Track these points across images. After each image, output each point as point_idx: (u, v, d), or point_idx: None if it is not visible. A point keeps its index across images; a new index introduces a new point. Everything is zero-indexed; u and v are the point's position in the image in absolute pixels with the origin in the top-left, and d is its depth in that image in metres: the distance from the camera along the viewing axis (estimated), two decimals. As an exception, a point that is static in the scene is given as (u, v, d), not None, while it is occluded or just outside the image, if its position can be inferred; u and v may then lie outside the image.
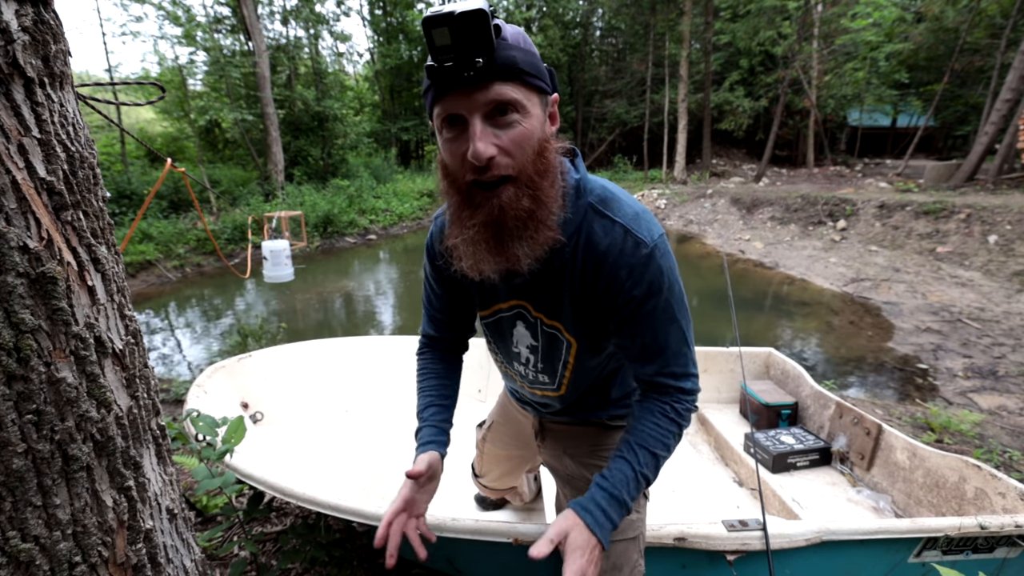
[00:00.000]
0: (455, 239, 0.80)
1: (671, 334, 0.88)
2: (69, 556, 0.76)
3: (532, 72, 0.72)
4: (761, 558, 1.24)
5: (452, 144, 0.74)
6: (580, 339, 0.95)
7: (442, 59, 0.67)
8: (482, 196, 0.75)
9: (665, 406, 0.91)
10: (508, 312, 0.99)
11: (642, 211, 0.86)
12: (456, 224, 0.80)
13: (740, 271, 8.54)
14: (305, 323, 6.50)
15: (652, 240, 0.83)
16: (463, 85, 0.69)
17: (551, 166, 0.77)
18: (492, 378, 2.72)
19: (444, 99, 0.71)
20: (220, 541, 1.79)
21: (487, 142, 0.70)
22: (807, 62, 15.93)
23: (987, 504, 1.57)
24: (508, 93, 0.70)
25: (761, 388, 2.51)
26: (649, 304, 0.85)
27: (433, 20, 0.64)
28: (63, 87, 0.74)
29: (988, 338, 4.98)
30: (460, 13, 0.63)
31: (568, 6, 20.69)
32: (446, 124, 0.73)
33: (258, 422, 2.10)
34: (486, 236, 0.76)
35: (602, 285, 0.86)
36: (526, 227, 0.76)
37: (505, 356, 1.10)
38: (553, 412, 1.18)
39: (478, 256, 0.78)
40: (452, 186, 0.78)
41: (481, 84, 0.68)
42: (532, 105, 0.73)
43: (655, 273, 0.83)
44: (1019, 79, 10.08)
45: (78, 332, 0.73)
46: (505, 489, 1.68)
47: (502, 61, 0.68)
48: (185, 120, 13.39)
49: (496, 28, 0.68)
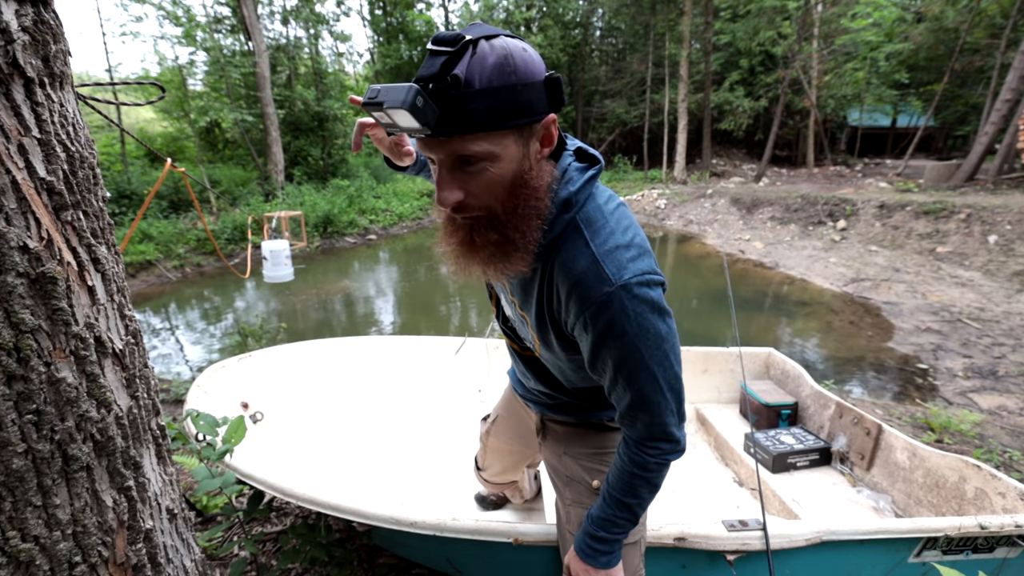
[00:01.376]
0: (443, 247, 0.84)
1: (641, 381, 0.82)
2: (69, 556, 0.76)
3: (500, 118, 0.67)
4: (761, 558, 1.24)
5: (434, 175, 0.76)
6: (541, 340, 0.96)
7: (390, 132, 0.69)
8: (459, 221, 0.78)
9: (635, 455, 0.90)
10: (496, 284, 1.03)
11: (627, 244, 0.79)
12: (443, 235, 0.83)
13: (740, 271, 8.54)
14: (305, 323, 6.50)
15: (619, 279, 0.76)
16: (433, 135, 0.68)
17: (525, 203, 0.75)
18: (492, 377, 2.72)
19: (419, 141, 0.72)
20: (220, 541, 1.79)
21: (452, 190, 0.72)
22: (807, 62, 15.93)
23: (987, 504, 1.57)
24: (468, 148, 0.68)
25: (761, 388, 2.51)
26: (608, 346, 0.80)
27: (369, 104, 0.65)
28: (63, 87, 0.74)
29: (988, 338, 4.98)
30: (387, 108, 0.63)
31: (568, 6, 20.69)
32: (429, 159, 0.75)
33: (258, 422, 2.10)
34: (460, 255, 0.80)
35: (564, 308, 0.84)
36: (494, 256, 0.78)
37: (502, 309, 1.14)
38: (552, 407, 1.19)
39: (459, 266, 0.81)
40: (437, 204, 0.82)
41: (441, 140, 0.68)
42: (503, 148, 0.70)
43: (617, 316, 0.77)
44: (1019, 79, 10.09)
45: (78, 332, 0.73)
46: (506, 484, 1.68)
47: (461, 117, 0.65)
48: (185, 120, 13.39)
49: (455, 81, 0.63)
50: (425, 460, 2.18)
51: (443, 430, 2.40)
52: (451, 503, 1.91)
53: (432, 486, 2.02)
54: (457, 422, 2.45)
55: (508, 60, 0.66)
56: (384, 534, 1.54)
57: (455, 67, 0.64)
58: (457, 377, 2.71)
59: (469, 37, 0.66)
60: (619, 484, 0.93)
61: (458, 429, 2.39)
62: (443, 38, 0.66)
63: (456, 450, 2.22)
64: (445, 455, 2.21)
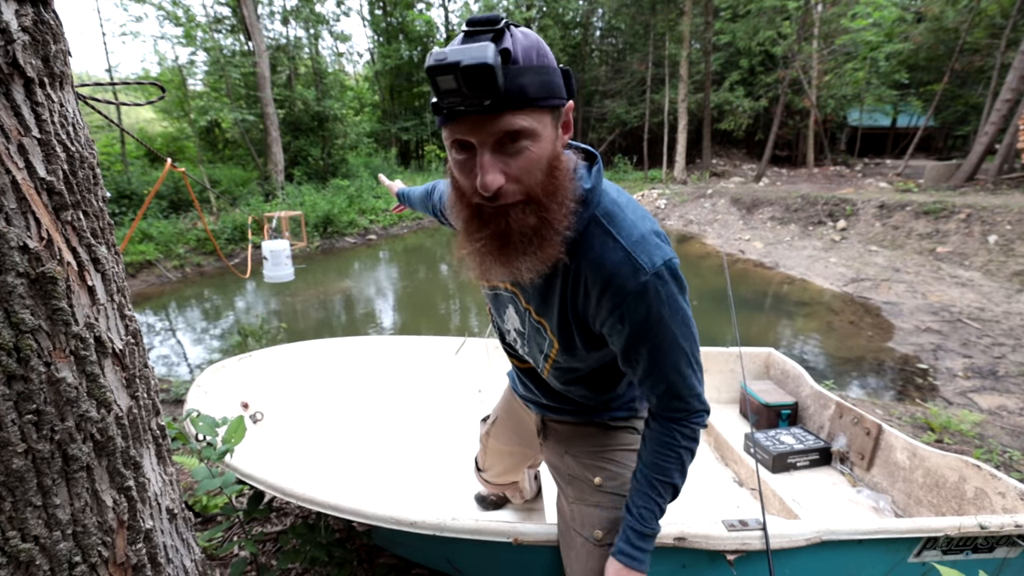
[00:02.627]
0: (464, 250, 0.81)
1: (675, 360, 0.86)
2: (69, 556, 0.76)
3: (544, 95, 0.69)
4: (761, 558, 1.24)
5: (463, 166, 0.73)
6: (562, 342, 0.95)
7: (448, 101, 0.66)
8: (491, 211, 0.75)
9: (673, 433, 0.92)
10: (504, 292, 1.01)
11: (649, 232, 0.82)
12: (464, 235, 0.80)
13: (740, 271, 8.54)
14: (305, 323, 6.50)
15: (653, 267, 0.79)
16: (471, 114, 0.67)
17: (561, 184, 0.76)
18: (492, 377, 2.72)
19: (452, 125, 0.70)
20: (220, 541, 1.79)
21: (495, 172, 0.70)
22: (807, 62, 15.93)
23: (987, 504, 1.57)
24: (517, 123, 0.68)
25: (761, 388, 2.51)
26: (647, 333, 0.83)
27: (437, 69, 0.62)
28: (63, 87, 0.74)
29: (988, 338, 4.98)
30: (465, 67, 0.62)
31: (568, 6, 20.69)
32: (455, 146, 0.73)
33: (258, 422, 2.10)
34: (492, 248, 0.77)
35: (593, 305, 0.85)
36: (531, 243, 0.76)
37: (500, 328, 1.15)
38: (553, 409, 1.19)
39: (484, 266, 0.79)
40: (461, 200, 0.78)
41: (490, 115, 0.67)
42: (543, 127, 0.71)
43: (653, 302, 0.80)
44: (1019, 79, 10.08)
45: (78, 332, 0.73)
46: (506, 484, 1.68)
47: (511, 93, 0.66)
48: (185, 120, 13.39)
49: (505, 54, 0.65)
50: (425, 460, 2.18)
51: (443, 430, 2.40)
52: (451, 503, 1.91)
53: (432, 486, 2.02)
54: (457, 422, 2.45)
55: (540, 44, 0.71)
56: (384, 534, 1.54)
57: (502, 43, 0.66)
58: (457, 377, 2.70)
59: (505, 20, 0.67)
60: (660, 465, 0.93)
61: (458, 429, 2.38)
62: (480, 19, 0.67)
63: (456, 450, 2.22)
64: (445, 455, 2.21)
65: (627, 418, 1.16)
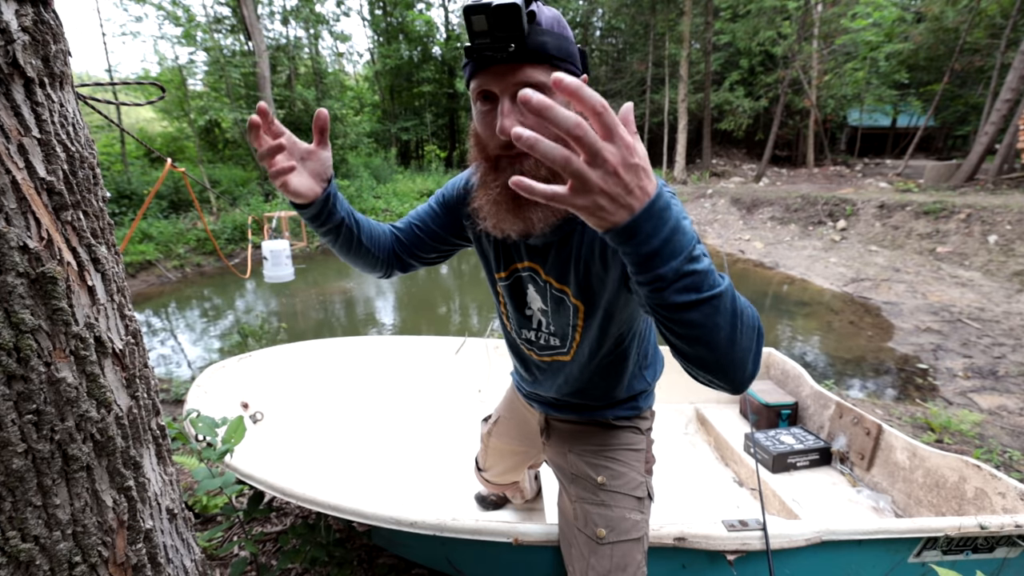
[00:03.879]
0: (481, 200, 0.86)
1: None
2: (69, 556, 0.76)
3: (561, 56, 0.77)
4: (761, 558, 1.24)
5: (485, 117, 0.80)
6: (586, 304, 0.98)
7: (478, 43, 0.73)
8: (507, 161, 0.81)
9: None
10: (523, 272, 1.03)
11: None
12: (482, 187, 0.86)
13: (740, 271, 8.54)
14: (305, 323, 6.50)
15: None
16: (496, 64, 0.74)
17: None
18: (492, 377, 2.72)
19: (479, 75, 0.77)
20: (220, 541, 1.79)
21: (513, 119, 0.76)
22: (807, 62, 15.94)
23: (987, 504, 1.57)
24: (536, 76, 0.75)
25: (761, 388, 2.51)
26: None
27: (473, 8, 0.70)
28: (63, 87, 0.74)
29: (988, 338, 4.98)
30: (497, 5, 0.69)
31: (568, 6, 20.70)
32: (480, 98, 0.80)
33: (258, 422, 2.10)
34: (506, 197, 0.82)
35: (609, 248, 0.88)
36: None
37: (518, 323, 1.12)
38: (559, 402, 1.18)
39: (499, 216, 0.84)
40: (481, 153, 0.85)
41: (512, 66, 0.74)
42: None
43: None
44: (1019, 79, 10.08)
45: (78, 332, 0.73)
46: (507, 484, 1.68)
47: (533, 46, 0.73)
48: (185, 120, 13.40)
49: (531, 14, 0.73)
50: (425, 460, 2.18)
51: (443, 430, 2.40)
52: (451, 503, 1.91)
53: (432, 486, 2.02)
54: (457, 422, 2.45)
55: (563, 20, 0.80)
56: (384, 534, 1.54)
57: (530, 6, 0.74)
58: (457, 377, 2.71)
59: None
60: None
61: (458, 429, 2.38)
62: None
63: (456, 450, 2.22)
64: (445, 455, 2.21)
65: (631, 417, 1.16)
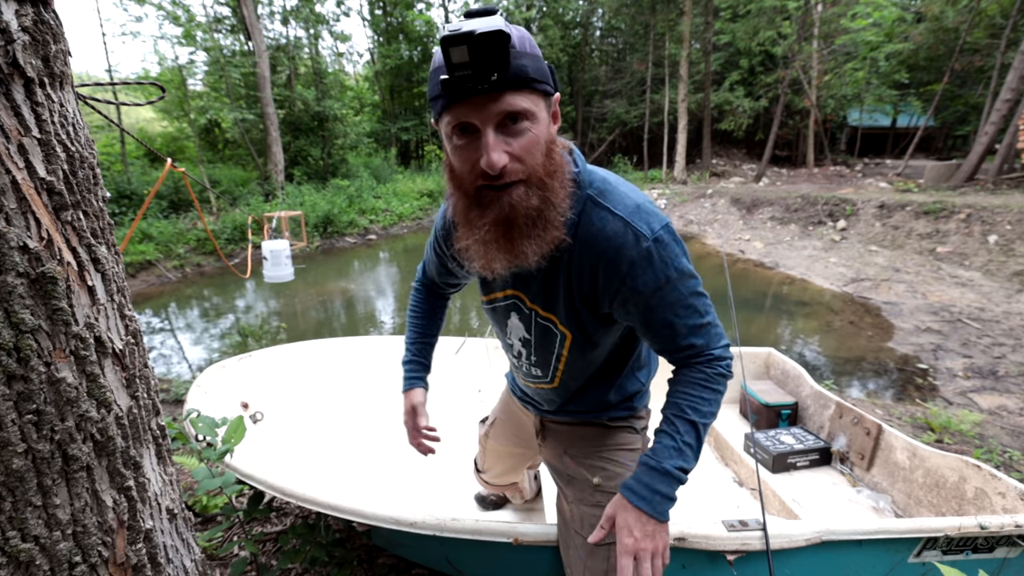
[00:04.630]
0: (466, 241, 0.81)
1: (689, 315, 0.88)
2: (69, 556, 0.76)
3: (540, 78, 0.73)
4: (761, 558, 1.24)
5: (464, 151, 0.74)
6: (575, 332, 0.95)
7: (459, 75, 0.67)
8: (492, 195, 0.76)
9: (698, 375, 0.92)
10: (503, 302, 1.00)
11: (643, 202, 0.85)
12: (465, 226, 0.80)
13: (740, 271, 8.54)
14: (305, 323, 6.50)
15: (652, 233, 0.82)
16: (475, 95, 0.69)
17: (559, 166, 0.79)
18: (492, 377, 2.72)
19: (455, 108, 0.71)
20: (220, 541, 1.79)
21: (500, 151, 0.71)
22: (807, 62, 15.93)
23: (987, 504, 1.57)
24: (519, 103, 0.71)
25: (761, 388, 2.51)
26: (658, 296, 0.85)
27: (451, 39, 0.64)
28: (63, 87, 0.74)
29: (988, 338, 4.98)
30: (480, 34, 0.63)
31: (568, 6, 20.69)
32: (456, 132, 0.73)
33: (258, 422, 2.10)
34: (496, 235, 0.77)
35: (601, 279, 0.86)
36: (535, 225, 0.77)
37: (504, 343, 1.14)
38: (552, 411, 1.18)
39: (489, 255, 0.79)
40: (459, 189, 0.79)
41: (493, 95, 0.69)
42: (539, 109, 0.74)
43: (659, 265, 0.83)
44: (1019, 79, 10.08)
45: (78, 332, 0.73)
46: (506, 485, 1.68)
47: (514, 72, 0.69)
48: (185, 120, 13.40)
49: (506, 37, 0.67)
50: (425, 460, 2.18)
51: (443, 430, 2.39)
52: (451, 503, 1.91)
53: (432, 486, 2.02)
54: (457, 422, 2.45)
55: (527, 34, 0.75)
56: (384, 534, 1.54)
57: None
58: (457, 377, 2.70)
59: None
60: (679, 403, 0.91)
61: (458, 429, 2.38)
62: (477, 11, 0.69)
63: (456, 450, 2.22)
64: (445, 455, 2.20)
65: (626, 418, 1.16)
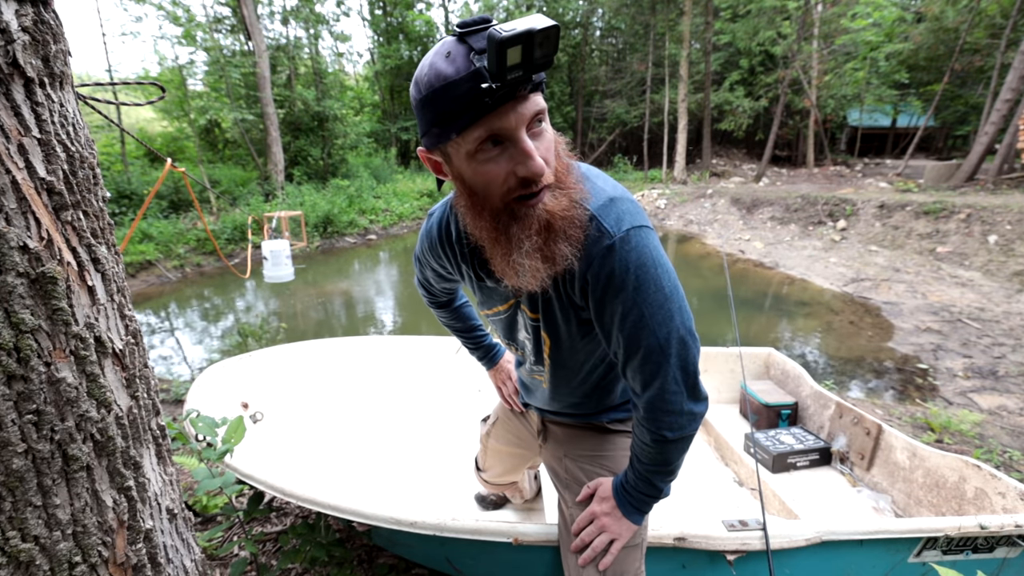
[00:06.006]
0: (507, 260, 0.75)
1: (644, 344, 0.78)
2: (69, 556, 0.76)
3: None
4: (761, 558, 1.24)
5: (493, 164, 0.68)
6: (552, 336, 0.94)
7: (512, 77, 0.61)
8: (524, 208, 0.71)
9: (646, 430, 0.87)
10: (506, 313, 1.01)
11: (620, 197, 0.77)
12: (504, 244, 0.74)
13: (740, 271, 8.54)
14: (305, 323, 6.49)
15: (618, 232, 0.74)
16: (507, 100, 0.64)
17: (570, 163, 0.76)
18: (492, 378, 2.71)
19: (488, 118, 0.64)
20: (220, 541, 1.79)
21: (539, 155, 0.67)
22: (807, 62, 15.93)
23: (987, 504, 1.57)
24: (541, 102, 0.68)
25: (761, 388, 2.51)
26: (612, 304, 0.77)
27: (509, 40, 0.58)
28: (63, 87, 0.74)
29: (988, 338, 4.98)
30: (543, 29, 0.59)
31: (568, 6, 20.69)
32: (486, 145, 0.67)
33: (258, 422, 2.10)
34: (539, 245, 0.72)
35: (576, 282, 0.80)
36: (572, 224, 0.73)
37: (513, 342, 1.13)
38: (553, 410, 1.18)
39: (535, 271, 0.74)
40: (486, 209, 0.72)
41: (526, 96, 0.65)
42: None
43: (617, 269, 0.74)
44: (1019, 79, 10.08)
45: (78, 332, 0.73)
46: (506, 484, 1.68)
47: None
48: (185, 120, 13.40)
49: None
50: (425, 460, 2.18)
51: (443, 430, 2.40)
52: (451, 503, 1.91)
53: (432, 486, 2.02)
54: (457, 422, 2.45)
55: None
56: (384, 534, 1.54)
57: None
58: (457, 377, 2.70)
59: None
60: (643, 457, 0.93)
61: (458, 429, 2.38)
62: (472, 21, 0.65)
63: (456, 450, 2.22)
64: (445, 455, 2.21)
65: (625, 420, 1.16)
